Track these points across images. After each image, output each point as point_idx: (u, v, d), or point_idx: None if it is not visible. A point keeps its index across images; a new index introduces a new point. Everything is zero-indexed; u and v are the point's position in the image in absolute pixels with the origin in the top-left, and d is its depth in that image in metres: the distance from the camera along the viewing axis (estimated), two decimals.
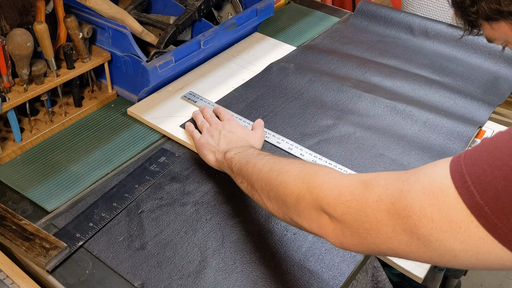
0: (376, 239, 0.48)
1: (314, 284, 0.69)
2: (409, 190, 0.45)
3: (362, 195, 0.49)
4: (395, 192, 0.47)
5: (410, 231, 0.45)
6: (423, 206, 0.44)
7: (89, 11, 0.97)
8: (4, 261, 0.72)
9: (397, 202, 0.46)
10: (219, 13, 1.22)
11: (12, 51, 0.82)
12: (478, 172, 0.42)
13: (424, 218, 0.43)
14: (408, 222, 0.45)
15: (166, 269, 0.70)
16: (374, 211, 0.48)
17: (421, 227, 0.44)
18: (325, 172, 0.57)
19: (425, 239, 0.44)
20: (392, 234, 0.46)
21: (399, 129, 0.95)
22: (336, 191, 0.52)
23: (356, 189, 0.50)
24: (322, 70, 1.11)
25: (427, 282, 1.26)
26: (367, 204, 0.48)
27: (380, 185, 0.49)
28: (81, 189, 0.83)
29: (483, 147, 0.43)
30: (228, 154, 0.76)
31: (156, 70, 0.95)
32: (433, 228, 0.43)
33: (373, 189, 0.49)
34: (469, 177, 0.42)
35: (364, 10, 1.31)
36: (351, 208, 0.50)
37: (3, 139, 0.89)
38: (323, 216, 0.53)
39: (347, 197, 0.51)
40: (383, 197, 0.47)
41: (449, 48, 1.19)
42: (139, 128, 0.96)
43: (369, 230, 0.48)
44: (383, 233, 0.47)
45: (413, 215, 0.44)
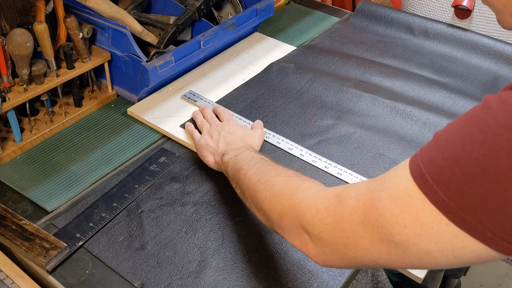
0: (356, 252, 0.48)
1: (314, 284, 0.69)
2: (378, 199, 0.45)
3: (337, 210, 0.49)
4: (366, 202, 0.46)
5: (387, 240, 0.45)
6: (394, 214, 0.44)
7: (89, 11, 0.97)
8: (4, 261, 0.72)
9: (369, 213, 0.46)
10: (219, 13, 1.22)
11: (12, 51, 0.82)
12: (436, 169, 0.41)
13: (397, 225, 0.43)
14: (383, 232, 0.45)
15: (166, 269, 0.70)
16: (350, 225, 0.47)
17: (396, 234, 0.44)
18: (305, 188, 0.57)
19: (402, 245, 0.44)
20: (370, 246, 0.46)
21: (399, 129, 0.95)
22: (313, 208, 0.52)
23: (331, 205, 0.50)
24: (322, 70, 1.11)
25: (427, 282, 1.26)
26: (342, 218, 0.48)
27: (352, 197, 0.48)
28: (81, 189, 0.83)
29: (436, 142, 0.43)
30: (225, 157, 0.77)
31: (156, 70, 0.95)
32: (407, 234, 0.43)
33: (346, 202, 0.49)
34: (429, 176, 0.42)
35: (364, 10, 1.31)
36: (328, 224, 0.50)
37: (3, 139, 0.89)
38: (304, 235, 0.53)
39: (323, 214, 0.50)
40: (356, 209, 0.47)
41: (449, 48, 1.19)
42: (139, 128, 0.96)
43: (347, 244, 0.48)
44: (361, 245, 0.47)
45: (386, 224, 0.44)
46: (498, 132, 0.38)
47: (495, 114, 0.39)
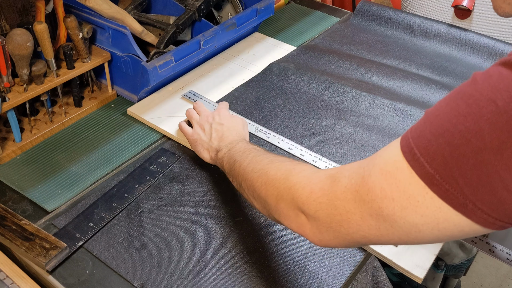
0: (348, 229, 0.49)
1: (314, 284, 0.69)
2: (369, 175, 0.47)
3: (331, 189, 0.51)
4: (358, 179, 0.48)
5: (376, 214, 0.46)
6: (383, 187, 0.45)
7: (89, 11, 0.97)
8: (4, 261, 0.72)
9: (360, 188, 0.47)
10: (219, 13, 1.22)
11: (12, 51, 0.82)
12: (424, 143, 0.42)
13: (385, 199, 0.45)
14: (373, 206, 0.46)
15: (166, 269, 0.70)
16: (343, 202, 0.49)
17: (384, 208, 0.45)
18: (299, 171, 0.58)
19: (390, 219, 0.45)
20: (361, 221, 0.48)
21: (399, 129, 0.95)
22: (308, 189, 0.54)
23: (324, 185, 0.52)
24: (322, 70, 1.11)
25: (427, 282, 1.26)
26: (336, 196, 0.50)
27: (345, 176, 0.50)
28: (81, 189, 0.83)
29: (426, 118, 0.44)
30: (219, 153, 0.78)
31: (156, 70, 0.95)
32: (395, 207, 0.44)
33: (340, 181, 0.50)
34: (417, 149, 0.43)
35: (364, 10, 1.31)
36: (323, 203, 0.51)
37: (3, 139, 0.89)
38: (301, 216, 0.55)
39: (317, 194, 0.52)
40: (348, 187, 0.49)
41: (449, 48, 1.19)
42: (139, 128, 0.96)
43: (340, 222, 0.50)
44: (353, 222, 0.48)
45: (375, 198, 0.45)
46: (481, 105, 0.40)
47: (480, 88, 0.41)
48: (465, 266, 1.30)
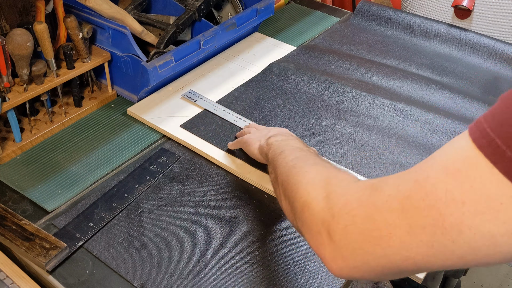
0: (387, 249, 0.41)
1: (314, 284, 0.69)
2: (427, 177, 0.39)
3: (369, 199, 0.43)
4: (409, 184, 0.40)
5: (433, 225, 0.37)
6: (449, 189, 0.37)
7: (89, 11, 0.97)
8: (4, 261, 0.72)
9: (413, 194, 0.39)
10: (219, 13, 1.22)
11: (12, 51, 0.82)
12: (508, 132, 0.34)
13: (452, 202, 0.36)
14: (430, 214, 0.38)
15: (166, 269, 0.70)
16: (384, 214, 0.41)
17: (448, 215, 0.36)
18: (338, 180, 0.51)
19: (455, 230, 0.36)
20: (408, 237, 0.39)
21: (399, 129, 0.95)
22: (343, 200, 0.46)
23: (363, 195, 0.44)
24: (322, 70, 1.11)
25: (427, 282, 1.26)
26: (376, 207, 0.42)
27: (389, 184, 0.42)
28: (81, 189, 0.83)
29: (504, 104, 0.36)
30: (270, 139, 0.73)
31: (156, 70, 0.95)
32: (465, 212, 0.36)
33: (382, 190, 0.42)
34: (501, 140, 0.35)
35: (364, 10, 1.31)
36: (357, 216, 0.43)
37: (3, 139, 0.89)
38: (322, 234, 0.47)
39: (353, 205, 0.45)
40: (393, 195, 0.41)
41: (449, 48, 1.19)
42: (139, 128, 0.96)
43: (378, 239, 0.41)
44: (396, 237, 0.40)
45: (436, 203, 0.37)
46: None
47: None
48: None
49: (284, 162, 0.62)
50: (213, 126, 0.95)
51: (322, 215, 0.48)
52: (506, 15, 1.24)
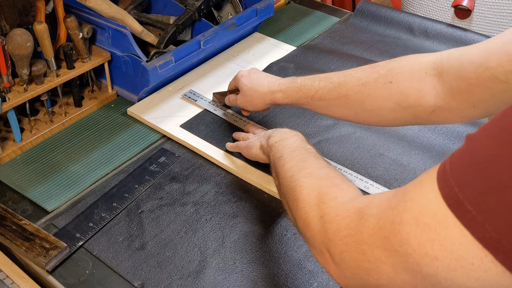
0: (378, 280, 0.42)
1: (314, 284, 0.69)
2: (400, 223, 0.39)
3: (357, 228, 0.43)
4: (387, 224, 0.40)
5: (413, 270, 0.38)
6: (421, 243, 0.37)
7: (89, 11, 0.97)
8: (4, 261, 0.72)
9: (391, 236, 0.39)
10: (219, 13, 1.22)
11: (12, 51, 0.82)
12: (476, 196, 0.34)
13: (426, 256, 0.37)
14: (408, 261, 0.38)
15: (166, 269, 0.70)
16: (371, 248, 0.41)
17: (424, 266, 0.37)
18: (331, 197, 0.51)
19: (432, 279, 0.37)
20: (394, 274, 0.40)
21: (399, 129, 0.95)
22: (335, 225, 0.47)
23: (351, 222, 0.45)
24: (322, 70, 1.10)
25: None
26: (363, 239, 0.42)
27: (373, 215, 0.42)
28: (81, 189, 0.83)
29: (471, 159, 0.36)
30: (270, 140, 0.73)
31: (156, 70, 0.95)
32: (439, 267, 0.36)
33: (367, 221, 0.43)
34: (470, 204, 0.34)
35: (364, 10, 1.31)
36: (349, 245, 0.44)
37: (3, 139, 0.89)
38: (325, 253, 0.48)
39: (343, 232, 0.45)
40: (376, 230, 0.41)
41: (449, 48, 1.18)
42: (139, 128, 0.96)
43: (369, 270, 0.42)
44: (384, 273, 0.41)
45: (412, 253, 0.38)
46: None
47: None
48: None
49: (283, 171, 0.63)
50: (213, 126, 0.95)
51: (320, 237, 0.49)
52: (506, 15, 1.24)
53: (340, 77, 0.73)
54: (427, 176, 0.39)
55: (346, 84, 0.72)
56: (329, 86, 0.73)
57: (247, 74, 0.87)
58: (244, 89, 0.86)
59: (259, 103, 0.84)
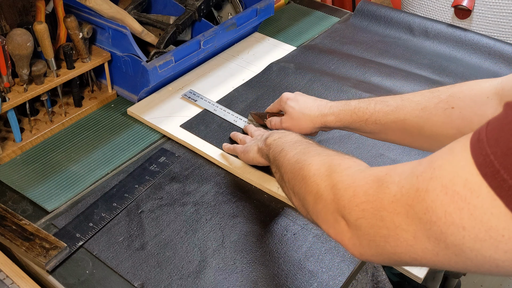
0: (396, 248, 0.41)
1: (314, 284, 0.69)
2: (426, 190, 0.38)
3: (377, 195, 0.43)
4: (411, 191, 0.39)
5: (436, 238, 0.37)
6: (448, 211, 0.36)
7: (89, 11, 0.97)
8: (4, 261, 0.72)
9: (415, 204, 0.39)
10: (219, 13, 1.22)
11: (12, 51, 0.82)
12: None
13: (452, 225, 0.36)
14: (432, 229, 0.37)
15: (166, 269, 0.70)
16: (391, 214, 0.41)
17: (449, 235, 0.36)
18: (344, 167, 0.51)
19: (456, 248, 0.36)
20: (414, 242, 0.39)
21: None
22: (351, 191, 0.46)
23: (370, 189, 0.44)
24: (322, 70, 1.11)
25: (427, 282, 1.26)
26: (382, 206, 0.42)
27: (395, 182, 0.41)
28: (81, 189, 0.83)
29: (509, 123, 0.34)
30: (268, 139, 0.73)
31: (156, 70, 0.95)
32: (465, 236, 0.35)
33: (388, 188, 0.42)
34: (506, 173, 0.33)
35: (364, 10, 1.31)
36: (366, 211, 0.44)
37: (3, 139, 0.89)
38: (340, 222, 0.48)
39: (361, 198, 0.45)
40: (398, 197, 0.40)
41: (449, 48, 1.19)
42: (139, 128, 0.96)
43: (386, 237, 0.42)
44: (403, 240, 0.40)
45: (437, 221, 0.37)
46: None
47: None
48: None
49: (286, 160, 0.62)
50: (213, 126, 0.95)
51: (335, 205, 0.48)
52: (506, 15, 1.24)
53: (398, 100, 0.71)
54: (458, 144, 0.38)
55: (404, 108, 0.69)
56: (386, 109, 0.71)
57: (294, 97, 0.84)
58: (291, 112, 0.83)
59: (307, 127, 0.81)
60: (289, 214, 0.79)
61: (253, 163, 0.82)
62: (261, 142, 0.77)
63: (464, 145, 0.37)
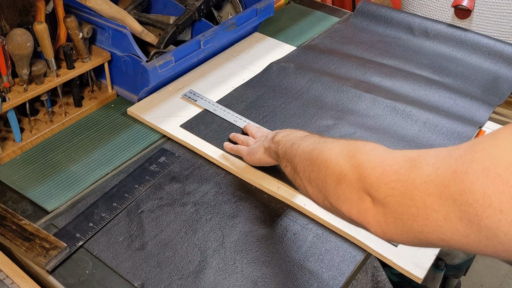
0: (424, 227, 0.42)
1: (314, 284, 0.69)
2: (465, 172, 0.38)
3: (408, 175, 0.43)
4: (448, 172, 0.39)
5: (469, 220, 0.37)
6: (487, 194, 0.36)
7: (89, 11, 0.97)
8: (4, 261, 0.72)
9: (451, 185, 0.39)
10: (219, 13, 1.22)
11: (12, 51, 0.82)
12: None
13: (489, 208, 0.36)
14: (466, 211, 0.37)
15: (166, 269, 0.70)
16: (422, 194, 0.41)
17: (484, 217, 0.36)
18: (369, 148, 0.51)
19: (489, 232, 0.36)
20: (444, 223, 0.40)
21: (399, 129, 0.95)
22: (379, 169, 0.46)
23: (401, 168, 0.44)
24: (322, 70, 1.11)
25: (427, 282, 1.26)
26: (414, 185, 0.42)
27: (430, 164, 0.42)
28: (81, 189, 0.83)
29: None
30: (276, 137, 0.73)
31: (156, 70, 0.95)
32: (501, 220, 0.35)
33: (421, 168, 0.42)
34: None
35: (364, 10, 1.31)
36: (395, 189, 0.44)
37: (3, 139, 0.89)
38: (365, 200, 0.48)
39: (391, 177, 0.45)
40: (432, 178, 0.41)
41: (449, 48, 1.19)
42: (139, 128, 0.96)
43: (415, 216, 0.42)
44: (432, 220, 0.41)
45: (474, 203, 0.37)
46: None
47: None
48: (465, 266, 1.30)
49: (300, 150, 0.62)
50: (213, 126, 0.95)
51: (361, 183, 0.48)
52: (506, 15, 1.24)
53: None
54: (503, 129, 0.38)
55: None
56: None
57: None
58: None
59: None
60: (289, 214, 0.79)
61: (259, 164, 0.82)
62: (267, 142, 0.77)
63: (509, 130, 0.37)
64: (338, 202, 0.52)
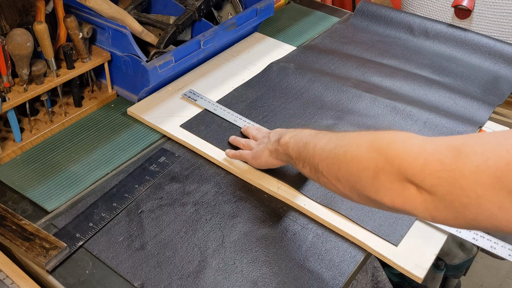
0: (477, 215, 0.41)
1: (314, 284, 0.69)
2: None
3: (455, 164, 0.42)
4: (500, 164, 0.39)
5: None
6: None
7: (89, 11, 0.97)
8: (4, 261, 0.72)
9: (504, 177, 0.39)
10: (219, 13, 1.22)
11: (12, 51, 0.82)
12: None
13: None
14: None
15: (166, 269, 0.70)
16: (473, 184, 0.41)
17: None
18: (403, 138, 0.50)
19: None
20: (499, 212, 0.40)
21: (399, 129, 0.95)
22: (421, 160, 0.45)
23: (445, 157, 0.43)
24: (322, 70, 1.11)
25: (427, 282, 1.26)
26: (463, 175, 0.41)
27: (477, 153, 0.41)
28: (81, 189, 0.83)
29: None
30: (282, 139, 0.71)
31: (156, 70, 0.95)
32: None
33: (468, 158, 0.41)
34: None
35: (364, 10, 1.31)
36: (442, 179, 0.43)
37: (3, 139, 0.89)
38: (409, 189, 0.47)
39: (435, 167, 0.44)
40: (483, 168, 0.40)
41: (449, 48, 1.19)
42: (139, 128, 0.96)
43: (467, 205, 0.42)
44: (485, 209, 0.40)
45: None
46: None
47: None
48: (465, 266, 1.30)
49: (318, 150, 0.60)
50: (213, 126, 0.95)
51: (402, 174, 0.47)
52: (506, 15, 1.24)
53: None
54: None
55: None
56: None
57: None
58: None
59: None
60: (289, 214, 0.79)
61: (266, 167, 0.81)
62: (272, 145, 0.76)
63: None
64: (378, 194, 0.51)
